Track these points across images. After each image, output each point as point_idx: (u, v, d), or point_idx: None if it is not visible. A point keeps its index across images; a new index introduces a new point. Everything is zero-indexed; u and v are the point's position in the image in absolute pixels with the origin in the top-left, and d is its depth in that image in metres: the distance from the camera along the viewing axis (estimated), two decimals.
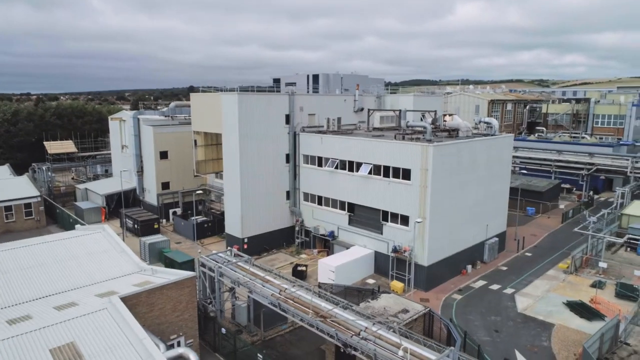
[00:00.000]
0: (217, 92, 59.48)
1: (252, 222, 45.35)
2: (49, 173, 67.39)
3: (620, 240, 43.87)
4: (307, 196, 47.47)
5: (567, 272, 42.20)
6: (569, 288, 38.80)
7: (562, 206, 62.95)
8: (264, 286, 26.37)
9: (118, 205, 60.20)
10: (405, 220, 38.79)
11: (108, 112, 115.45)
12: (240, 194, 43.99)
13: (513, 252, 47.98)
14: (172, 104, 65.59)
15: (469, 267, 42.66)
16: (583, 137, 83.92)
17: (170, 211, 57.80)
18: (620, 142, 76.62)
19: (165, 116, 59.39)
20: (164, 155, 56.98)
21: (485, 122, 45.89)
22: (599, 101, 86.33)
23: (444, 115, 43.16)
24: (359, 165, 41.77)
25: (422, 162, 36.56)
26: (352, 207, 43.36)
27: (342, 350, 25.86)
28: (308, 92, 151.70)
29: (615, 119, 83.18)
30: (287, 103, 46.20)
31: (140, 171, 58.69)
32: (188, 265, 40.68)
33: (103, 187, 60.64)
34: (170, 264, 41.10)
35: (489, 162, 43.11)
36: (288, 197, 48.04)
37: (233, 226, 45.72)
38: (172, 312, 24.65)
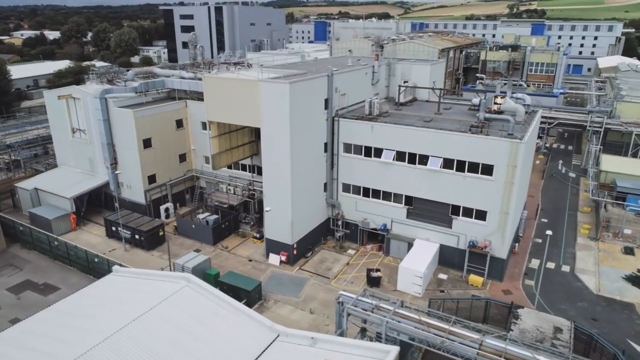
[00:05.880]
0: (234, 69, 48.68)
1: (300, 224, 40.47)
2: None
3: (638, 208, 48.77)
4: (347, 187, 43.37)
5: (591, 239, 46.22)
6: (610, 258, 42.58)
7: (536, 162, 67.91)
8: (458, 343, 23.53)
9: (88, 208, 49.13)
10: (481, 214, 37.82)
11: None
12: (290, 198, 38.41)
13: (531, 219, 50.76)
14: (130, 72, 53.11)
15: (517, 245, 44.16)
16: (520, 85, 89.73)
17: (161, 208, 48.75)
18: (559, 92, 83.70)
19: (137, 92, 47.87)
20: (147, 143, 46.64)
21: (518, 98, 45.39)
22: (534, 48, 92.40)
23: (495, 97, 41.48)
24: (422, 157, 38.80)
25: (510, 158, 35.14)
26: (409, 200, 40.86)
27: None
28: (211, 28, 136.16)
29: (548, 66, 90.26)
30: (326, 85, 40.10)
31: (114, 163, 47.59)
32: (257, 291, 35.21)
33: (63, 186, 48.16)
34: (231, 291, 34.80)
35: (529, 138, 43.41)
36: (324, 189, 43.46)
37: (278, 232, 40.23)
38: None
